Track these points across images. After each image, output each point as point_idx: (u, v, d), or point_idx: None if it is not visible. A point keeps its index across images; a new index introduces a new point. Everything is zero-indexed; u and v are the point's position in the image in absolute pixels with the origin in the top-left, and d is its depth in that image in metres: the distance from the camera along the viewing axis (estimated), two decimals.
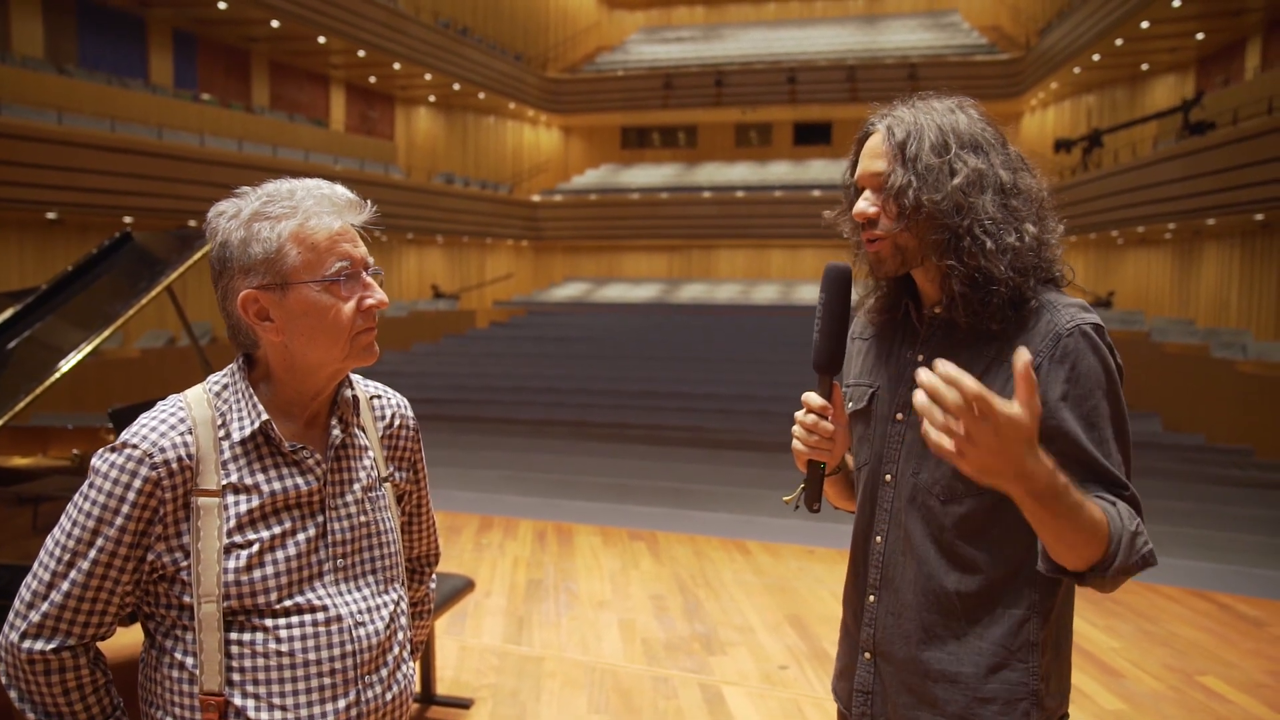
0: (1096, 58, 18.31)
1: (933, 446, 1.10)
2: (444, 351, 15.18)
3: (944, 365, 1.07)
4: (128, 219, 13.26)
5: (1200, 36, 16.46)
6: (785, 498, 1.47)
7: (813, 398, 1.39)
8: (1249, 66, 15.91)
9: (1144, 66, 19.09)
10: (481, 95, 23.51)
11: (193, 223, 12.59)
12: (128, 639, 2.19)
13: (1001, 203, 1.33)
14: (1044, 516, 1.18)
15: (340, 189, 1.29)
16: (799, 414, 1.40)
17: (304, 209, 1.24)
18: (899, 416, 1.43)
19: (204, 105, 16.80)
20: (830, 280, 1.39)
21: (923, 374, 1.08)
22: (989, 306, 1.32)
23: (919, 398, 1.09)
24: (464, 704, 3.57)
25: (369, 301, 1.28)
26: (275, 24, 17.01)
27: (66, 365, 2.92)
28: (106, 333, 3.03)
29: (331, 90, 21.34)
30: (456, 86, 22.42)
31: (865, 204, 1.38)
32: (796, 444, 1.40)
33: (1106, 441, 1.29)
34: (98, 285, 3.45)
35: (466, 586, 3.62)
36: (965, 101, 1.40)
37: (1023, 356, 1.07)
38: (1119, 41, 17.01)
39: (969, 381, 1.05)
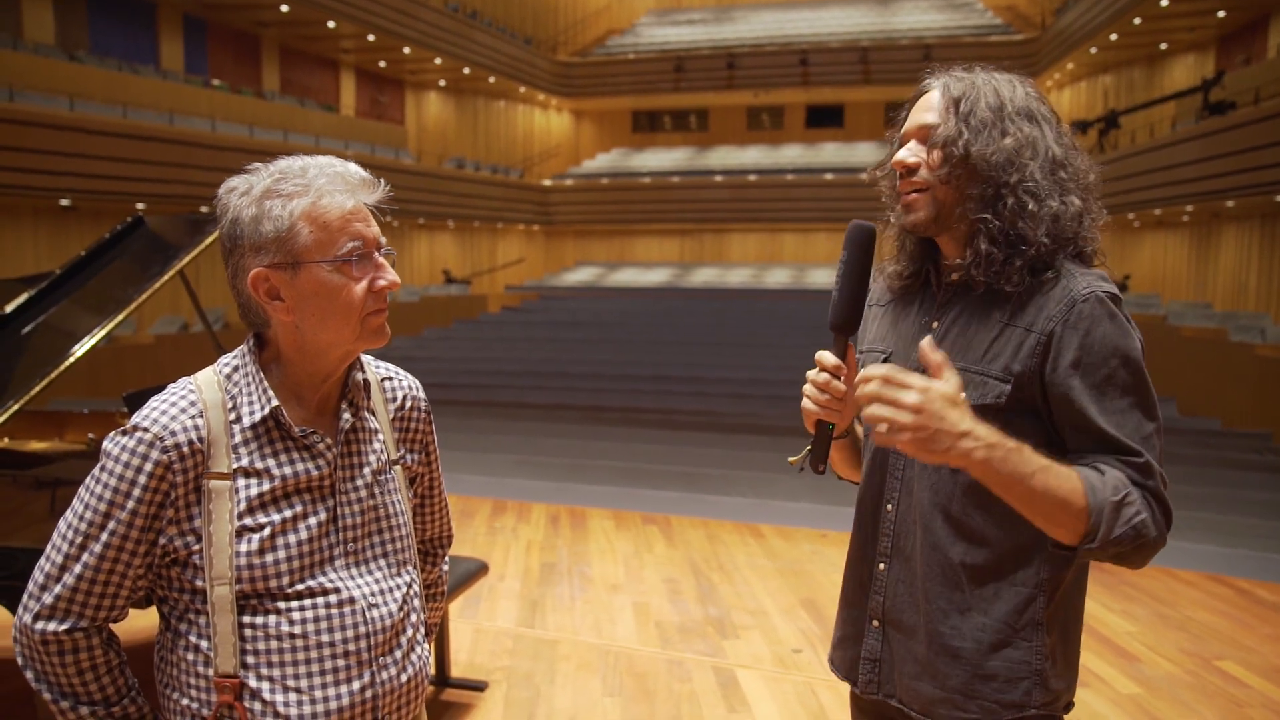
0: (1114, 37, 18.10)
1: (880, 440, 1.22)
2: (455, 336, 15.20)
3: (866, 370, 1.21)
4: (140, 205, 13.30)
5: (1221, 14, 16.23)
6: (791, 458, 1.45)
7: (827, 356, 1.36)
8: (1271, 44, 15.68)
9: (1162, 46, 18.87)
10: (492, 79, 23.45)
11: (204, 208, 12.64)
12: (144, 621, 2.20)
13: (1050, 171, 1.34)
14: (1003, 484, 1.22)
15: (354, 167, 1.27)
16: (811, 373, 1.38)
17: (317, 187, 1.22)
18: None
19: (214, 91, 16.80)
20: (853, 239, 1.36)
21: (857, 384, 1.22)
22: (1010, 267, 1.31)
23: (861, 410, 1.22)
24: (479, 686, 3.58)
25: (381, 282, 1.26)
26: (285, 8, 16.99)
27: (80, 350, 2.92)
28: (120, 317, 3.02)
29: (342, 75, 21.32)
30: (467, 71, 22.36)
31: (907, 153, 1.38)
32: (806, 403, 1.38)
33: (1120, 411, 1.27)
34: (110, 270, 3.45)
35: (480, 570, 3.62)
36: (1025, 79, 1.41)
37: (924, 342, 1.21)
38: (1137, 20, 16.80)
39: (877, 369, 1.19)
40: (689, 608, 4.50)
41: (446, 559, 1.62)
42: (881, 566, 1.45)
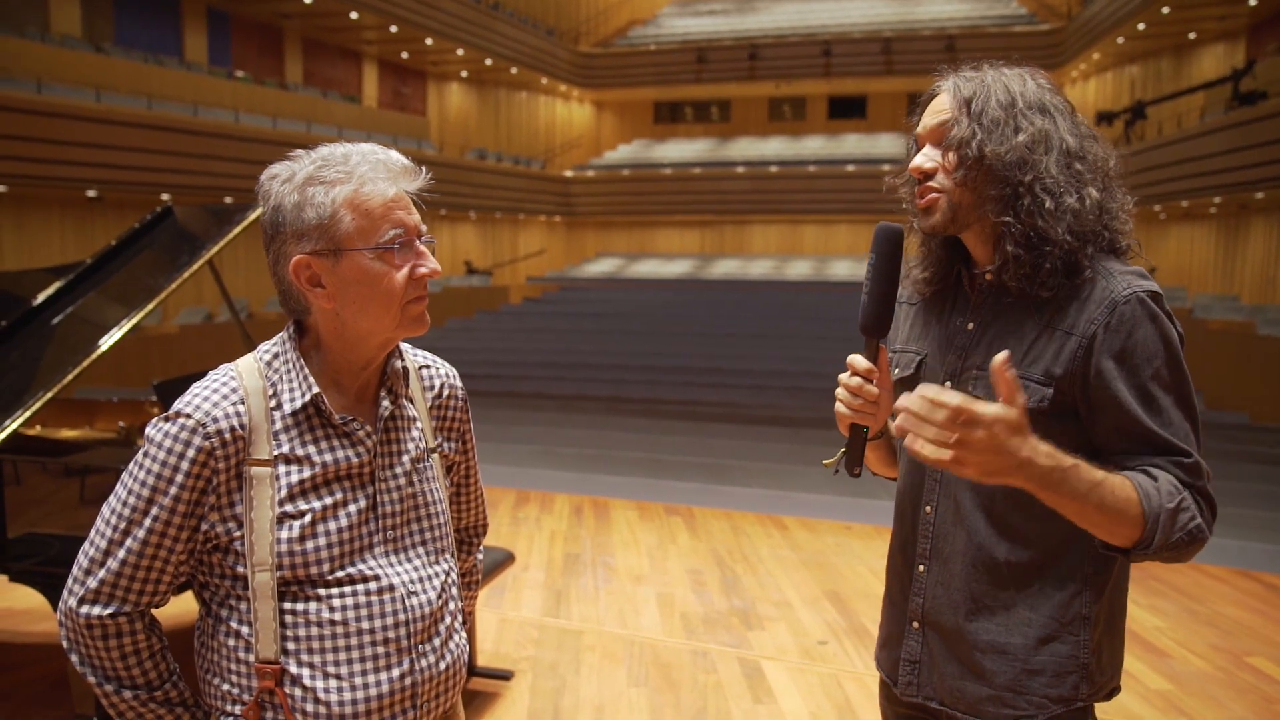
0: (1141, 27, 17.87)
1: (930, 461, 1.13)
2: (477, 327, 15.24)
3: (923, 389, 1.12)
4: (165, 196, 13.41)
5: (1253, 2, 15.96)
6: (825, 461, 1.44)
7: (858, 360, 1.36)
8: None
9: (1191, 35, 18.60)
10: (513, 70, 23.46)
11: (229, 199, 12.72)
12: (178, 608, 2.22)
13: (1065, 164, 1.32)
14: (1058, 501, 1.20)
15: (395, 155, 1.27)
16: (843, 376, 1.37)
17: (359, 174, 1.22)
18: (947, 384, 1.41)
19: (238, 82, 16.90)
20: (880, 241, 1.36)
21: (903, 401, 1.13)
22: (1040, 271, 1.29)
23: (901, 421, 1.14)
24: (504, 675, 3.59)
25: (421, 270, 1.26)
26: (307, 0, 17.03)
27: (109, 342, 2.95)
28: (149, 307, 3.05)
29: (364, 66, 21.39)
30: (488, 62, 22.37)
31: (923, 158, 1.37)
32: (840, 407, 1.37)
33: (1165, 411, 1.26)
34: (138, 261, 3.48)
35: (507, 559, 3.63)
36: (1035, 71, 1.39)
37: (999, 358, 1.10)
38: (1165, 9, 16.56)
39: (950, 398, 1.10)
40: (713, 599, 4.50)
41: (481, 548, 1.62)
42: (921, 569, 1.44)
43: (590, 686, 3.55)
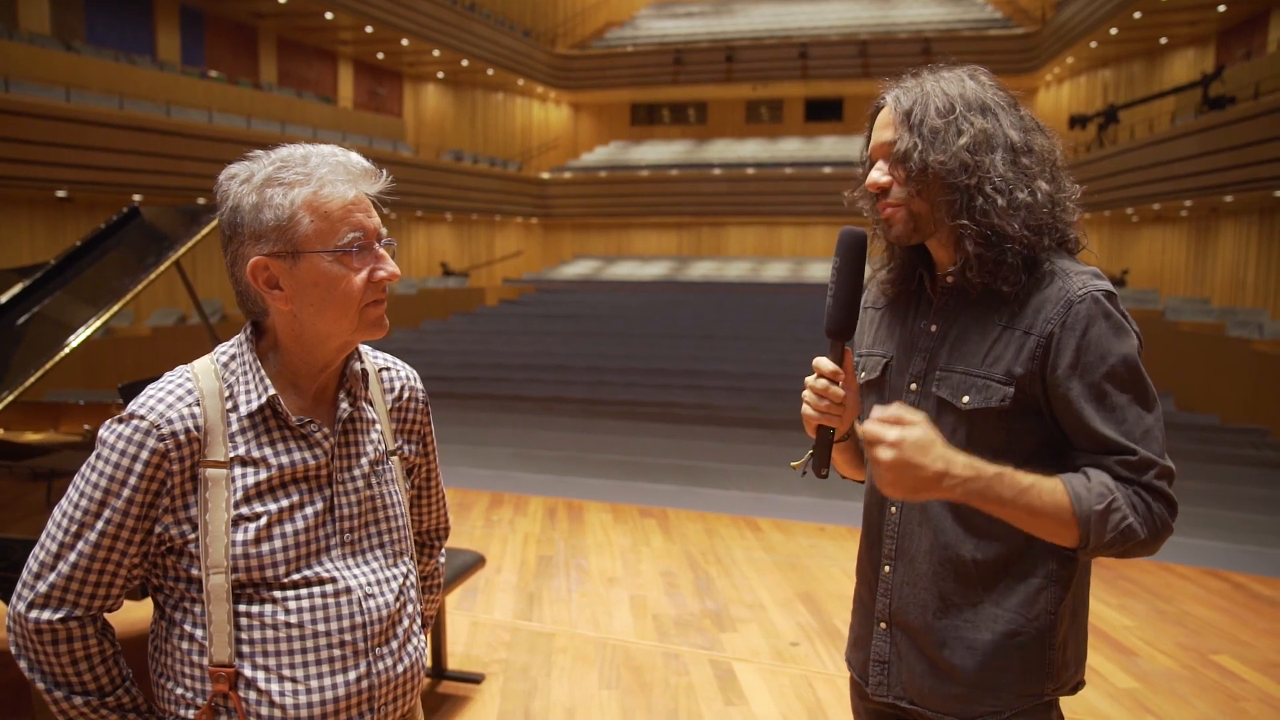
0: (1114, 31, 18.07)
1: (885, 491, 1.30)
2: (453, 329, 15.18)
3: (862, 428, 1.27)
4: (136, 196, 13.26)
5: (1221, 9, 16.19)
6: (793, 463, 1.47)
7: (824, 362, 1.38)
8: (1272, 39, 15.66)
9: (1162, 40, 18.84)
10: (490, 72, 23.39)
11: (201, 200, 12.58)
12: (139, 613, 2.20)
13: (1011, 160, 1.34)
14: (990, 509, 1.27)
15: (355, 157, 1.26)
16: (809, 379, 1.39)
17: (318, 176, 1.21)
18: (913, 386, 1.43)
19: (212, 82, 16.75)
20: (845, 245, 1.38)
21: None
22: (1003, 266, 1.32)
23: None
24: (475, 679, 3.57)
25: (380, 273, 1.25)
26: (282, 0, 16.91)
27: (75, 341, 2.91)
28: (115, 308, 3.01)
29: (339, 67, 21.26)
30: (465, 63, 22.30)
31: (877, 174, 1.40)
32: (806, 409, 1.39)
33: (1119, 408, 1.29)
34: (105, 261, 3.44)
35: (478, 562, 3.61)
36: (976, 70, 1.41)
37: (875, 413, 1.27)
38: (1137, 14, 16.77)
39: (863, 427, 1.27)
40: (686, 601, 4.50)
41: (443, 551, 1.61)
42: (887, 569, 1.46)
43: (561, 689, 3.54)
